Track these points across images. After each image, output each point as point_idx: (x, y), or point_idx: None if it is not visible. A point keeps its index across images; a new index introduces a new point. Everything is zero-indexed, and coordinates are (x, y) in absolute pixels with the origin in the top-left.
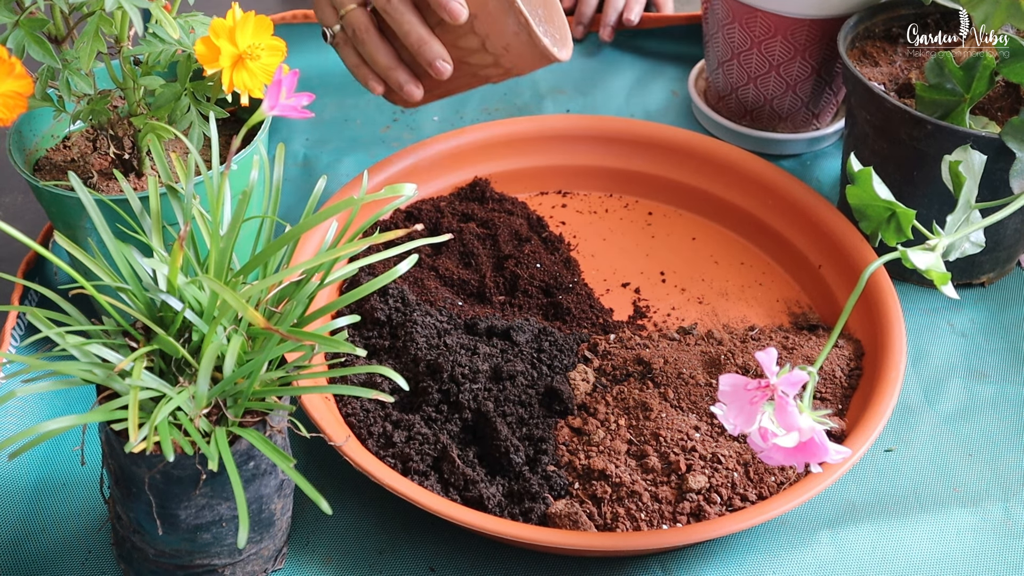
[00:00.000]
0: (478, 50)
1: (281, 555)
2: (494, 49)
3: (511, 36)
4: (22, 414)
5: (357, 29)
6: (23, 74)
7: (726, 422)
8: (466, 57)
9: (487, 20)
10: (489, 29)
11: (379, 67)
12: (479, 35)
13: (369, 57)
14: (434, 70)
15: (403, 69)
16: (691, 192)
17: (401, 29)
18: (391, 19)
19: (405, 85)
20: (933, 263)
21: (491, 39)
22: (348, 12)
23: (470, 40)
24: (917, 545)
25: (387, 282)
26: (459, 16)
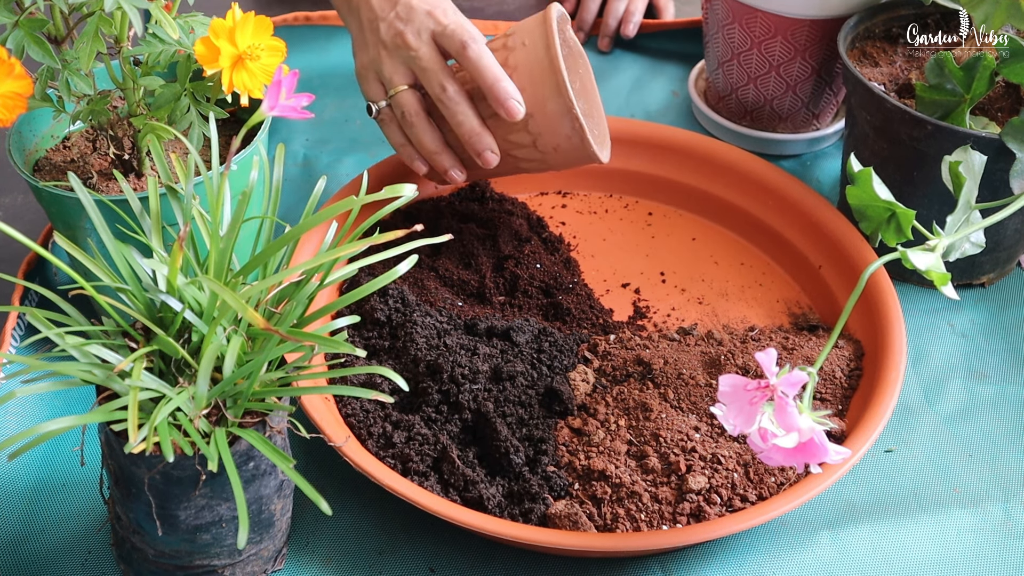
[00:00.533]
0: (527, 146)
1: (281, 556)
2: (543, 147)
3: (563, 138)
4: (22, 414)
5: (407, 112)
6: (23, 74)
7: (726, 423)
8: (512, 150)
9: (543, 121)
10: (543, 129)
11: (425, 150)
12: (532, 133)
13: (416, 140)
14: (482, 160)
15: (449, 153)
16: (691, 192)
17: (455, 119)
18: (445, 108)
19: (451, 170)
20: (933, 264)
21: (543, 138)
22: (398, 93)
23: (521, 136)
24: (917, 546)
25: (387, 282)
26: (517, 115)
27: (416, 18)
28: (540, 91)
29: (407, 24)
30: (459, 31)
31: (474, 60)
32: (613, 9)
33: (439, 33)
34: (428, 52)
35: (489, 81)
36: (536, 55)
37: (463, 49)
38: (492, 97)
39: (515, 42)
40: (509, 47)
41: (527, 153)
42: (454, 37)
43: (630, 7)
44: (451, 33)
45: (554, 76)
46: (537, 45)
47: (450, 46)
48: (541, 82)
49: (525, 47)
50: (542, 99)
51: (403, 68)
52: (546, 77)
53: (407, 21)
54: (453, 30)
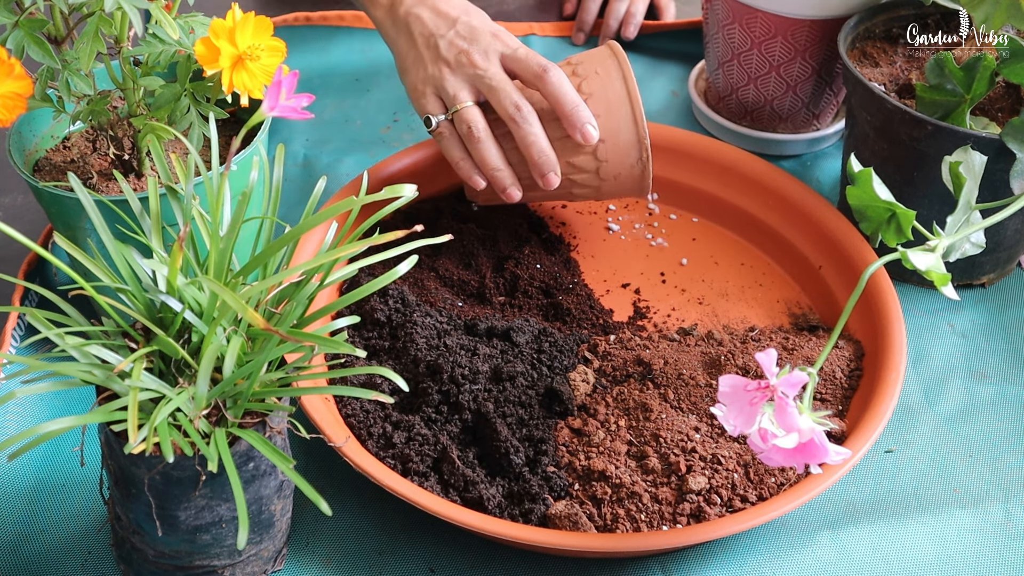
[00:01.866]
0: (589, 171)
1: (281, 556)
2: (605, 174)
3: (626, 167)
4: (22, 415)
5: (474, 127)
6: (23, 75)
7: (726, 423)
8: (573, 174)
9: (613, 148)
10: (611, 156)
11: (488, 167)
12: (599, 159)
13: (479, 156)
14: (545, 181)
15: (510, 171)
16: (691, 193)
17: (526, 139)
18: (517, 127)
19: (508, 188)
20: (933, 264)
21: (607, 165)
22: (463, 108)
23: (587, 161)
24: (917, 546)
25: (387, 283)
26: (591, 140)
27: (482, 39)
28: (615, 119)
29: (472, 44)
30: (533, 55)
31: (555, 84)
32: (614, 10)
33: (510, 56)
34: (498, 72)
35: (569, 106)
36: (612, 84)
37: (543, 73)
38: (570, 121)
39: (586, 71)
40: (580, 75)
41: (586, 179)
42: (529, 60)
43: (631, 8)
44: (524, 57)
45: (631, 106)
46: (612, 74)
47: (524, 69)
48: (617, 110)
49: (599, 75)
50: (616, 127)
51: (468, 85)
52: (623, 105)
53: (472, 41)
54: (526, 54)
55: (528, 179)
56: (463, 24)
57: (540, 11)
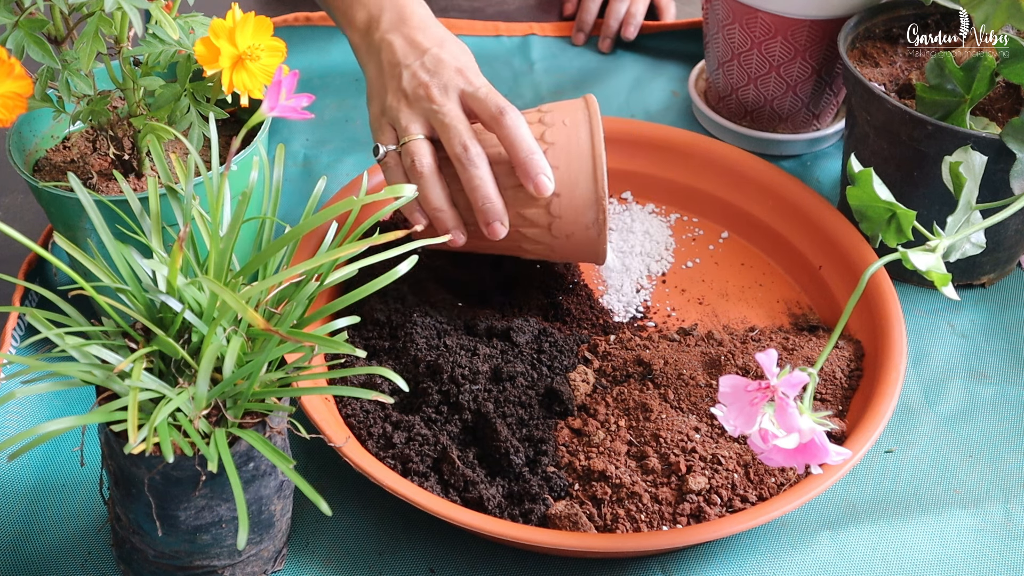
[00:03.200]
0: (541, 227)
1: (281, 556)
2: (558, 232)
3: (581, 227)
4: (22, 415)
5: (417, 161)
6: (23, 75)
7: (726, 423)
8: (523, 227)
9: (568, 204)
10: (565, 212)
11: (429, 206)
12: (552, 215)
13: (421, 193)
14: (490, 230)
15: (454, 213)
16: (691, 192)
17: (471, 183)
18: (463, 169)
19: (453, 231)
20: (933, 264)
21: (561, 222)
22: (412, 141)
23: (539, 215)
24: (917, 546)
25: (387, 283)
26: (545, 192)
27: (444, 73)
28: (574, 174)
29: (433, 77)
30: (493, 96)
31: (511, 128)
32: (614, 11)
33: (470, 95)
34: (454, 109)
35: (524, 153)
36: (576, 136)
37: (500, 115)
38: (523, 169)
39: (553, 119)
40: (546, 123)
41: (537, 234)
42: (488, 101)
43: (631, 9)
44: (484, 96)
45: (592, 161)
46: (579, 127)
47: (482, 109)
48: (577, 165)
49: (565, 126)
50: (573, 182)
51: (422, 119)
52: (584, 161)
53: (433, 74)
54: (487, 94)
55: (475, 226)
56: (431, 56)
57: (540, 11)
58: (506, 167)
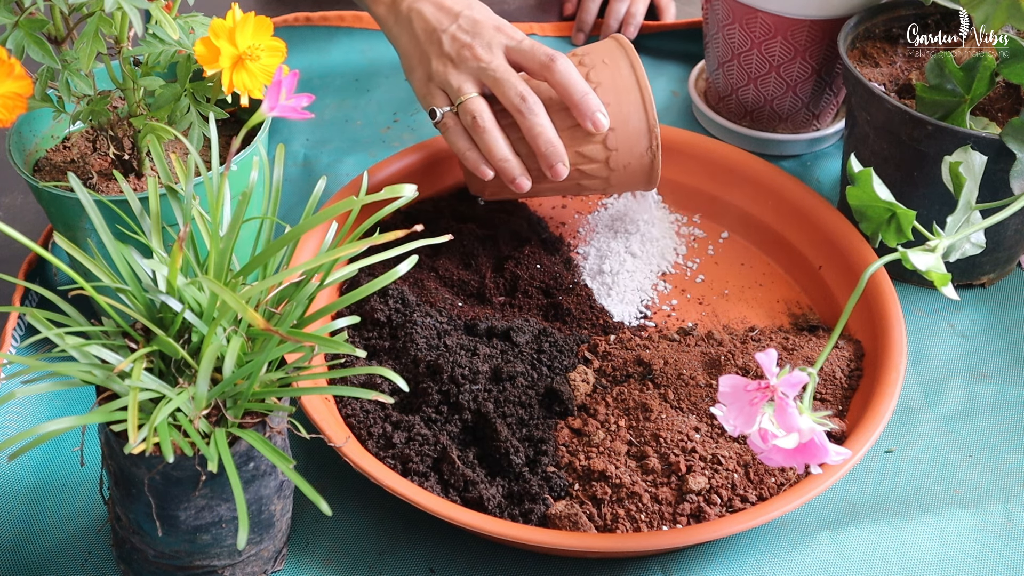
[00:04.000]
0: (599, 162)
1: (281, 556)
2: (615, 164)
3: (636, 156)
4: (22, 415)
5: (478, 117)
6: (23, 75)
7: (726, 423)
8: (582, 164)
9: (623, 136)
10: (621, 144)
11: (495, 157)
12: (608, 148)
13: (485, 147)
14: (553, 172)
15: (518, 161)
16: (691, 192)
17: (533, 130)
18: (523, 118)
19: (517, 178)
20: (933, 264)
21: (617, 154)
22: (468, 100)
23: (596, 151)
24: (917, 546)
25: (387, 283)
26: (602, 128)
27: (484, 32)
28: (625, 107)
29: (475, 37)
30: (539, 46)
31: (563, 72)
32: (614, 11)
33: (514, 48)
34: (502, 63)
35: (579, 94)
36: (620, 72)
37: (550, 62)
38: (580, 110)
39: (592, 61)
40: (587, 64)
41: (596, 169)
42: (535, 51)
43: (631, 9)
44: (530, 48)
45: (640, 92)
46: (620, 63)
47: (530, 60)
48: (627, 98)
49: (607, 64)
50: (626, 115)
51: (472, 78)
52: (632, 94)
53: (475, 35)
54: (531, 45)
55: (536, 170)
56: (465, 18)
57: (540, 11)
58: (559, 110)
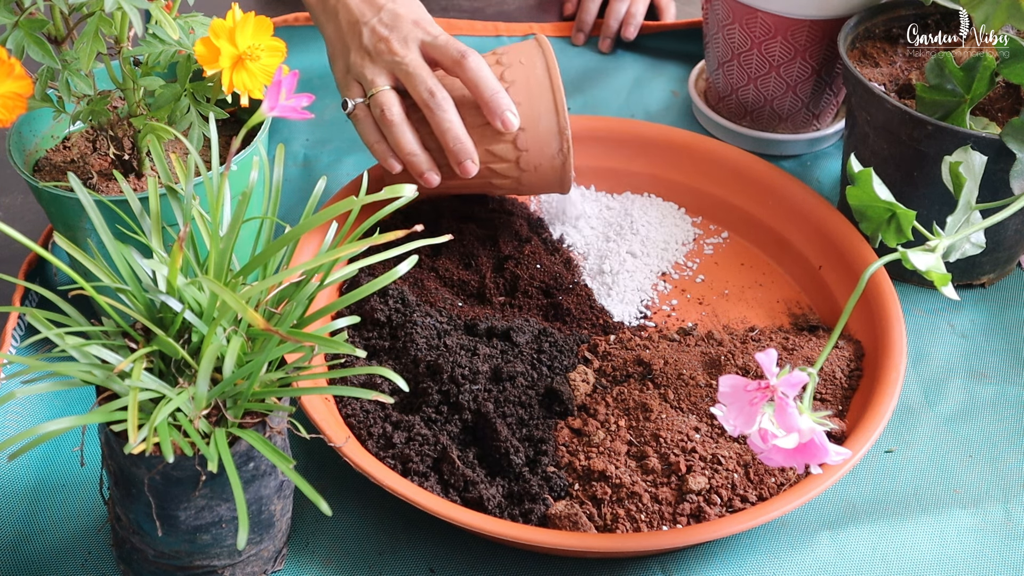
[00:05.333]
0: (509, 161)
1: (281, 556)
2: (525, 165)
3: (547, 158)
4: (22, 414)
5: (386, 110)
6: (23, 75)
7: (726, 423)
8: (492, 163)
9: (533, 137)
10: (531, 145)
11: (402, 151)
12: (519, 148)
13: (393, 140)
14: (461, 168)
15: (426, 156)
16: (691, 192)
17: (441, 126)
18: (432, 113)
19: (426, 172)
20: (933, 264)
21: (528, 155)
22: (379, 92)
23: (506, 150)
24: (917, 546)
25: (387, 283)
26: (510, 127)
27: (402, 26)
28: (536, 107)
29: (392, 31)
30: (453, 42)
31: (474, 70)
32: (614, 11)
33: (429, 43)
34: (415, 58)
35: (489, 92)
36: (535, 72)
37: (462, 59)
38: (489, 108)
39: (510, 60)
40: (503, 64)
41: (506, 169)
42: (449, 47)
43: (631, 9)
44: (444, 44)
45: (552, 94)
46: (536, 63)
47: (443, 56)
48: (539, 99)
49: (523, 64)
50: (537, 115)
51: (386, 72)
52: (544, 93)
53: (392, 28)
54: (446, 41)
55: (447, 167)
56: (387, 11)
57: (540, 11)
58: (471, 108)
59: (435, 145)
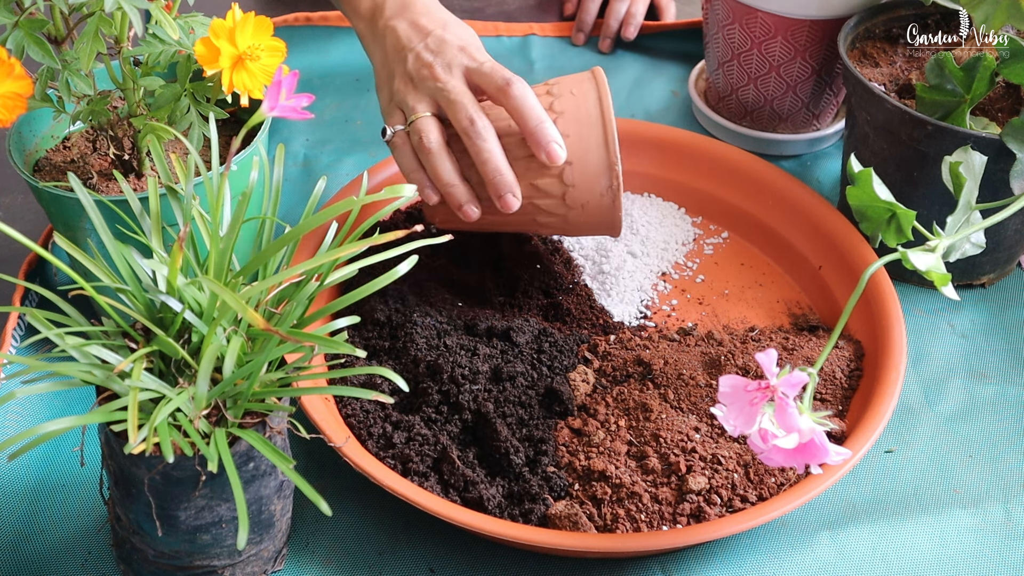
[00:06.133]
0: (555, 197)
1: (281, 556)
2: (572, 201)
3: (595, 195)
4: (22, 414)
5: (424, 137)
6: (23, 75)
7: (726, 423)
8: (537, 198)
9: (580, 172)
10: (578, 180)
11: (440, 181)
12: (565, 184)
13: (431, 169)
14: (502, 203)
15: (465, 187)
16: (691, 193)
17: (480, 156)
18: (471, 142)
19: (464, 205)
20: (933, 264)
21: (575, 191)
22: (419, 119)
23: (552, 184)
24: (917, 546)
25: (387, 283)
26: (558, 160)
27: (447, 51)
28: (585, 141)
29: (437, 56)
30: (499, 69)
31: (518, 98)
32: (615, 11)
33: (474, 70)
34: (458, 85)
35: (534, 122)
36: (586, 104)
37: (506, 86)
38: (534, 139)
39: (561, 90)
40: (553, 94)
41: (551, 205)
42: (494, 74)
43: (631, 9)
44: (490, 71)
45: (603, 127)
46: (588, 95)
47: (488, 83)
48: (588, 132)
49: (574, 95)
50: (585, 149)
51: (428, 99)
52: (594, 127)
53: (437, 54)
54: (492, 67)
55: (489, 201)
56: (434, 38)
57: (540, 11)
58: (516, 139)
59: (476, 177)
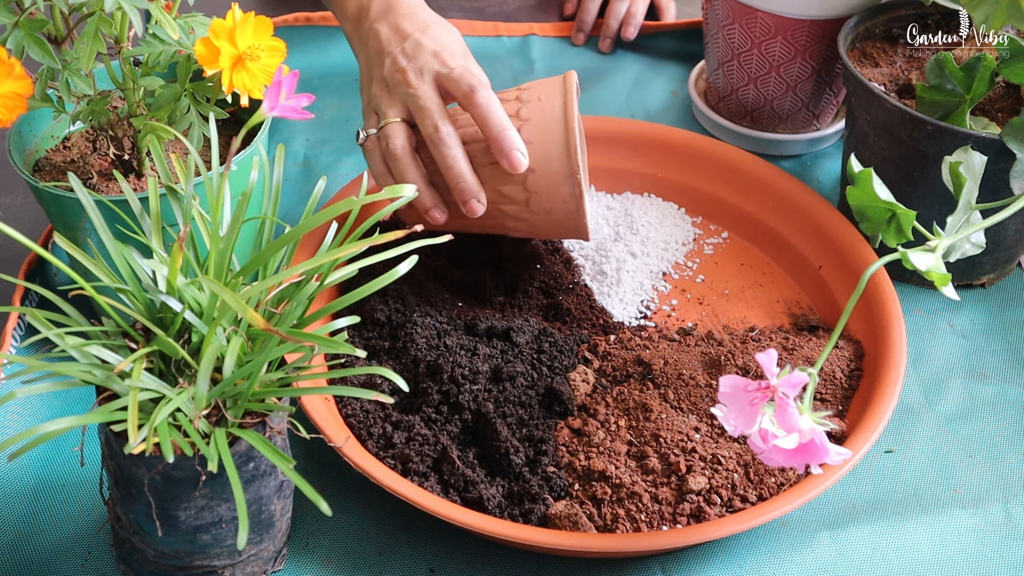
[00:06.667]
0: (519, 203)
1: (281, 556)
2: (536, 208)
3: (559, 202)
4: (22, 414)
5: (391, 143)
6: (23, 75)
7: (726, 423)
8: (502, 204)
9: (543, 179)
10: (541, 188)
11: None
12: (528, 190)
13: (398, 174)
14: (467, 208)
15: (431, 192)
16: (691, 193)
17: (444, 162)
18: (435, 148)
19: (432, 209)
20: (933, 264)
21: (538, 197)
22: (388, 124)
23: (516, 191)
24: (917, 546)
25: (387, 283)
26: (519, 167)
27: (421, 56)
28: (547, 148)
29: (410, 61)
30: (466, 75)
31: (482, 105)
32: (615, 11)
33: (444, 76)
34: (427, 91)
35: (496, 129)
36: (551, 111)
37: (471, 93)
38: (497, 146)
39: (529, 96)
40: (522, 100)
41: (516, 211)
42: (461, 81)
43: (631, 9)
44: (458, 76)
45: (566, 135)
46: (554, 102)
47: (455, 89)
48: (551, 139)
49: (540, 102)
50: (547, 156)
51: (399, 104)
52: (557, 135)
53: (411, 58)
54: (460, 74)
55: (456, 205)
56: (411, 41)
57: (540, 11)
58: (482, 145)
59: (444, 182)
